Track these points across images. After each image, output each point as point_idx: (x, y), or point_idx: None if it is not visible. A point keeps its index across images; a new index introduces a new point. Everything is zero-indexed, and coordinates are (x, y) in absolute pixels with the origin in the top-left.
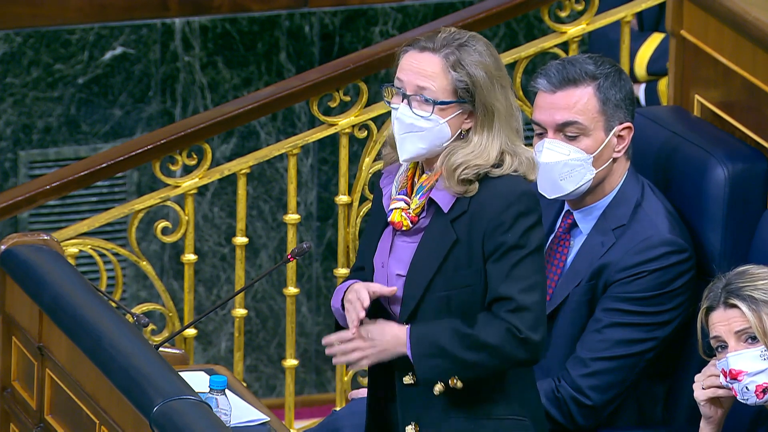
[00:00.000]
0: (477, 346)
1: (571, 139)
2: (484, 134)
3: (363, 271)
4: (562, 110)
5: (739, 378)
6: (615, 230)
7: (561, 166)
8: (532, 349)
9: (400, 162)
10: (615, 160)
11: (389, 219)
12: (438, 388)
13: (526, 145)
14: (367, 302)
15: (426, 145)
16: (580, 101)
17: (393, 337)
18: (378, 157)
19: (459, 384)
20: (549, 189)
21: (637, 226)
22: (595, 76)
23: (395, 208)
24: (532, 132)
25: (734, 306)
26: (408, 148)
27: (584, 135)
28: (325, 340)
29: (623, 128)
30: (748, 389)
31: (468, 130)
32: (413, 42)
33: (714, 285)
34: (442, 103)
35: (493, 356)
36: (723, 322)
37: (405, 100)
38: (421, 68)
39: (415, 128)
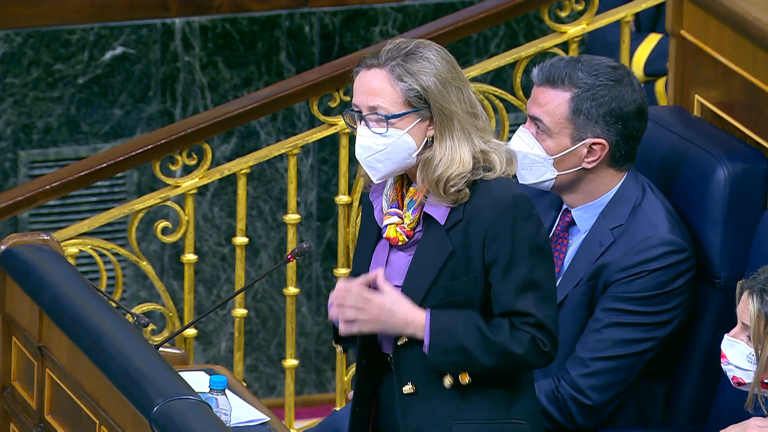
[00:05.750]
0: (500, 353)
1: (538, 135)
2: (447, 139)
3: None
4: (534, 105)
5: (722, 360)
6: (614, 230)
7: (522, 157)
8: (549, 361)
9: (375, 182)
10: (594, 169)
11: (384, 235)
12: (448, 381)
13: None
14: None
15: (393, 160)
16: (550, 103)
17: (410, 319)
18: None
19: (468, 380)
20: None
21: (637, 225)
22: (577, 84)
23: (389, 224)
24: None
25: (753, 302)
26: (377, 168)
27: (547, 135)
28: (344, 285)
29: (595, 143)
30: (726, 372)
31: (433, 138)
32: (360, 61)
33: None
34: (395, 116)
35: (513, 362)
36: (743, 306)
37: (362, 122)
38: (370, 86)
39: (378, 146)
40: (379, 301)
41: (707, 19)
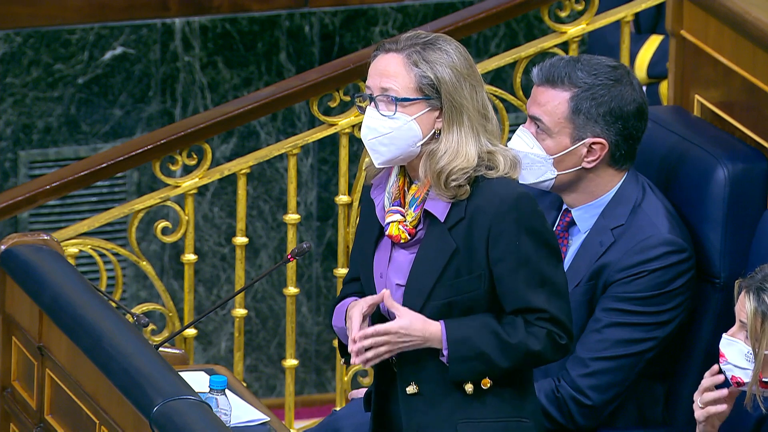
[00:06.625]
0: (519, 353)
1: (538, 134)
2: (454, 132)
3: (357, 282)
4: (534, 104)
5: (721, 360)
6: (614, 230)
7: (522, 156)
8: (566, 353)
9: (376, 167)
10: (594, 169)
11: (387, 233)
12: (469, 387)
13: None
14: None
15: (397, 145)
16: (550, 102)
17: (428, 335)
18: None
19: (489, 384)
20: None
21: (637, 225)
22: (577, 84)
23: (392, 222)
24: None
25: (750, 300)
26: (381, 151)
27: (547, 135)
28: (359, 334)
29: (595, 143)
30: (725, 372)
31: (441, 130)
32: (379, 46)
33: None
34: (404, 99)
35: (531, 360)
36: (741, 304)
37: (372, 103)
38: (385, 69)
39: (384, 129)
40: (395, 328)
41: (707, 19)
